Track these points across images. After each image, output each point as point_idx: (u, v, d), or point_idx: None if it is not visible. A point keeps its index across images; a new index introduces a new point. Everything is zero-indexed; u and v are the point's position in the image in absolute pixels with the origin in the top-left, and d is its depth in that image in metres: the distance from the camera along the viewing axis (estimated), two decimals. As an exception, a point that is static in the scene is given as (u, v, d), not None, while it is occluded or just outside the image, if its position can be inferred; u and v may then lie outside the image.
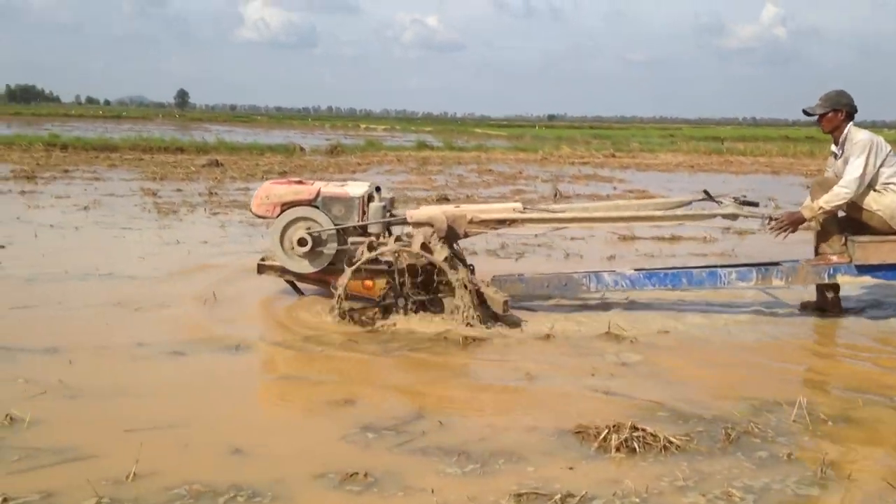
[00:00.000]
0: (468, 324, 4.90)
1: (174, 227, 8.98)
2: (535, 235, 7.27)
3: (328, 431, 3.37)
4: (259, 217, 5.48)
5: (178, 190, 12.80)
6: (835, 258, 5.31)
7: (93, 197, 11.42)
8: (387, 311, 5.12)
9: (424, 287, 5.12)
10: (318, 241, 5.32)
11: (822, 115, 5.29)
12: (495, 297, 5.08)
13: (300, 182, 5.52)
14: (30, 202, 10.84)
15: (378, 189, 5.56)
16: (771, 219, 5.30)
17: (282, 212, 5.34)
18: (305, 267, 5.39)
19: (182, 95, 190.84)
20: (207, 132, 36.76)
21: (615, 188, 15.33)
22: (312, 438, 3.35)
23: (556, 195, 12.90)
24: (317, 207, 5.35)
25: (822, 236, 5.39)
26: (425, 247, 5.01)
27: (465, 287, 4.93)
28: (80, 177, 14.69)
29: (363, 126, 66.02)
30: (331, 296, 5.18)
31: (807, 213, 5.21)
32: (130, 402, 3.65)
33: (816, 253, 5.45)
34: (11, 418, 3.29)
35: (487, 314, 5.04)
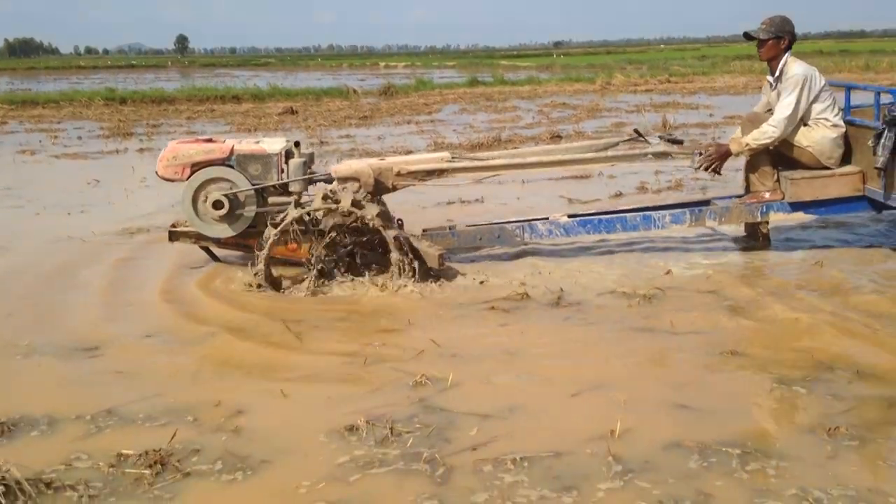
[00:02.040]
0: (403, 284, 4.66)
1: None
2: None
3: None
4: (166, 180, 4.99)
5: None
6: (767, 195, 5.27)
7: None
8: (320, 274, 4.82)
9: (355, 246, 4.84)
10: (235, 203, 4.92)
11: (762, 41, 5.13)
12: (429, 252, 4.83)
13: (210, 140, 5.08)
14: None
15: (297, 144, 5.18)
16: (700, 155, 5.19)
17: (192, 173, 4.91)
18: (223, 231, 4.99)
19: (182, 41, 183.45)
20: (236, 78, 34.75)
21: (711, 115, 14.68)
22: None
23: (665, 127, 12.10)
24: (231, 167, 4.94)
25: (752, 171, 5.34)
26: (356, 203, 4.69)
27: (400, 244, 4.66)
28: (176, 130, 14.21)
29: (382, 65, 63.87)
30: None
31: (734, 147, 5.12)
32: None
33: (747, 190, 5.41)
34: None
35: (423, 269, 4.79)
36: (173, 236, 5.15)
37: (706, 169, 5.21)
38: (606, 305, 4.44)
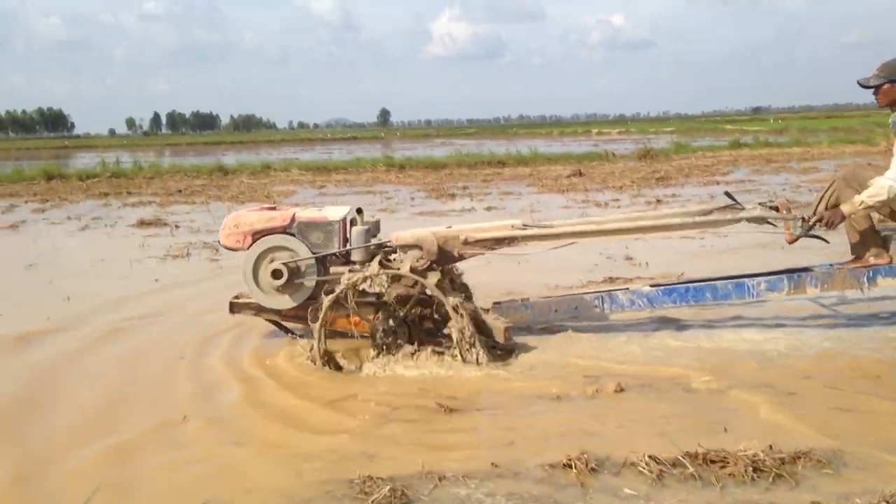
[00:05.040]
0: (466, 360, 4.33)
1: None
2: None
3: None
4: (229, 249, 4.88)
5: (616, 199, 12.88)
6: (872, 259, 4.74)
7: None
8: (379, 349, 4.55)
9: (420, 319, 4.58)
10: (295, 272, 4.75)
11: (878, 87, 4.63)
12: (496, 325, 4.50)
13: (272, 207, 4.97)
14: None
15: (360, 211, 5.01)
16: (804, 220, 4.67)
17: (253, 241, 4.78)
18: (284, 302, 4.81)
19: (384, 115, 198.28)
20: (459, 146, 36.39)
21: None
22: None
23: None
24: (292, 235, 4.79)
25: (854, 232, 4.81)
26: (414, 271, 4.44)
27: (461, 314, 4.34)
28: (493, 191, 15.13)
29: (595, 131, 65.51)
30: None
31: (846, 209, 4.60)
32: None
33: (853, 253, 4.87)
34: None
35: (489, 344, 4.45)
36: (234, 308, 5.00)
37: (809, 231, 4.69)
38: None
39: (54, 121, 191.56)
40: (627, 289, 5.07)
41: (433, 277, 4.43)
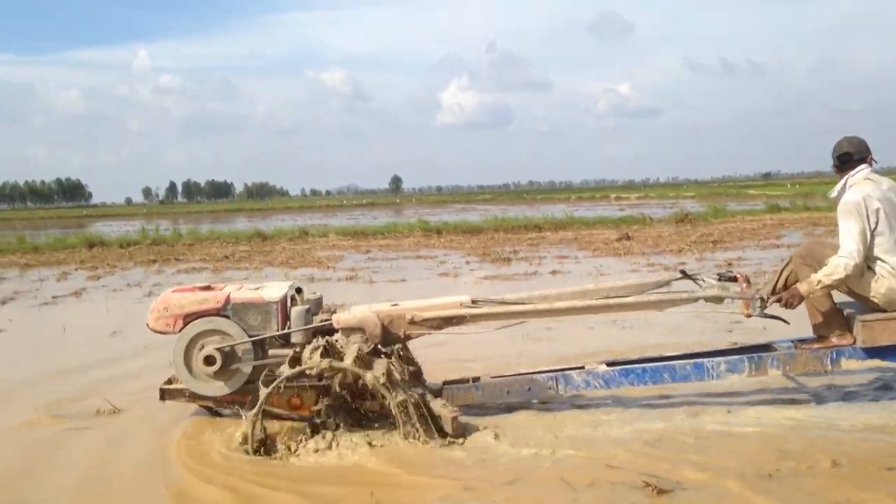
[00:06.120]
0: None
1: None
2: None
3: None
4: (157, 333, 4.57)
5: (682, 262, 12.43)
6: (834, 339, 4.56)
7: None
8: (315, 430, 4.28)
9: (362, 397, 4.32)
10: (230, 358, 4.45)
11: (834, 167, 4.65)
12: (443, 413, 4.24)
13: (207, 287, 4.67)
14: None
15: (299, 290, 4.74)
16: (762, 300, 4.48)
17: (185, 325, 4.48)
18: (218, 389, 4.51)
19: (396, 181, 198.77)
20: (482, 212, 36.92)
21: None
22: None
23: None
24: (227, 317, 4.49)
25: (817, 315, 4.63)
26: (360, 360, 4.17)
27: (406, 409, 4.09)
28: (546, 254, 15.06)
29: (613, 196, 65.55)
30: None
31: (803, 289, 4.43)
32: None
33: (815, 333, 4.69)
34: None
35: (435, 429, 4.19)
36: (166, 395, 4.67)
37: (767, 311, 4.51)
38: None
39: (72, 191, 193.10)
40: (583, 367, 4.84)
41: (379, 368, 4.16)
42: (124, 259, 17.37)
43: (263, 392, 4.15)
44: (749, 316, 4.56)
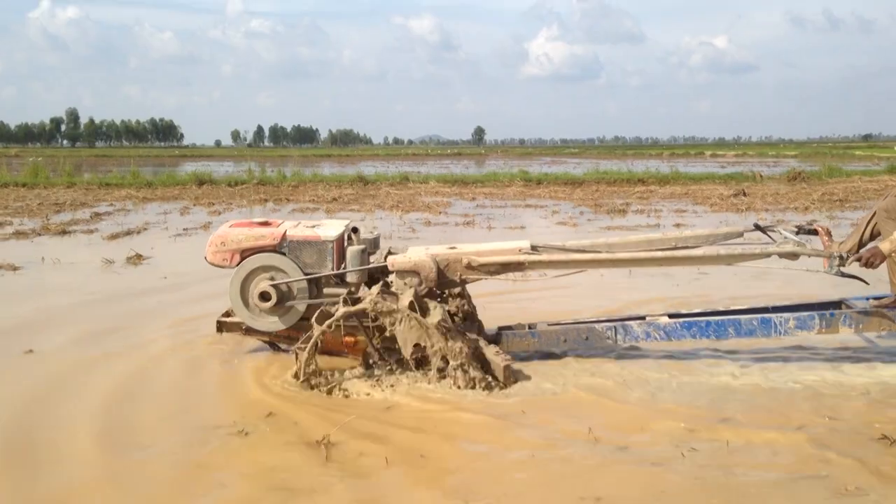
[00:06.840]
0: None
1: None
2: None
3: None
4: (215, 266, 4.57)
5: (812, 221, 11.95)
6: (914, 299, 4.32)
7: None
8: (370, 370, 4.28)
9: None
10: (285, 295, 4.44)
11: None
12: (495, 361, 4.17)
13: (264, 223, 4.64)
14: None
15: (356, 230, 4.68)
16: (841, 258, 4.22)
17: (241, 260, 4.47)
18: (273, 324, 4.52)
19: (479, 132, 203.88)
20: (574, 164, 36.48)
21: None
22: None
23: None
24: (283, 254, 4.47)
25: (894, 270, 4.38)
26: (413, 305, 4.11)
27: (462, 357, 4.05)
28: (664, 208, 14.69)
29: (709, 154, 64.79)
30: None
31: (886, 248, 4.18)
32: None
33: (893, 292, 4.45)
34: None
35: (488, 375, 4.13)
36: (222, 327, 4.71)
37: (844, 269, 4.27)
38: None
39: (165, 131, 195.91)
40: (644, 318, 4.70)
41: (436, 315, 4.11)
42: (236, 197, 17.48)
43: (317, 329, 4.14)
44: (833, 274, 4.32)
